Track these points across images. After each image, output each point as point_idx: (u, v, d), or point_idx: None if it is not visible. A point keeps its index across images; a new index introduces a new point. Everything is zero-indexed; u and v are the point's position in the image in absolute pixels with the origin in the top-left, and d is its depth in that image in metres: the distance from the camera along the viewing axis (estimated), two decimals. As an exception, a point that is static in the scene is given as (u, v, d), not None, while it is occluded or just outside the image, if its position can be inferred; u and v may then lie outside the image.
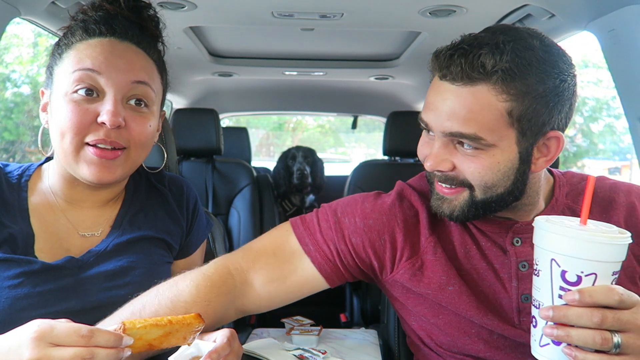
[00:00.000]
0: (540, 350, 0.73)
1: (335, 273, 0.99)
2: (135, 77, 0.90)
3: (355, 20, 1.64)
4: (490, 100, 0.80)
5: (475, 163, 0.84)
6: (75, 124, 0.86)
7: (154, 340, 0.73)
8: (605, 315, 0.65)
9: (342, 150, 10.91)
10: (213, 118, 2.18)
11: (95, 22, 0.91)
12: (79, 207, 0.97)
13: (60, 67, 0.90)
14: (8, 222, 0.88)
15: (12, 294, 0.82)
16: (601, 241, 0.67)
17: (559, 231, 0.69)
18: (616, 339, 0.66)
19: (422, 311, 0.97)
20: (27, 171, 0.97)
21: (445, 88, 0.84)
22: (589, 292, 0.66)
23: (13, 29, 6.92)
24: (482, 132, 0.81)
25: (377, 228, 0.97)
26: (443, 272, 0.93)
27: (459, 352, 0.95)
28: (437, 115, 0.85)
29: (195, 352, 0.77)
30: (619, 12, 1.20)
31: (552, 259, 0.70)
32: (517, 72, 0.79)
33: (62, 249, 0.92)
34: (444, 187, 0.90)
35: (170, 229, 1.03)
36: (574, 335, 0.66)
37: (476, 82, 0.80)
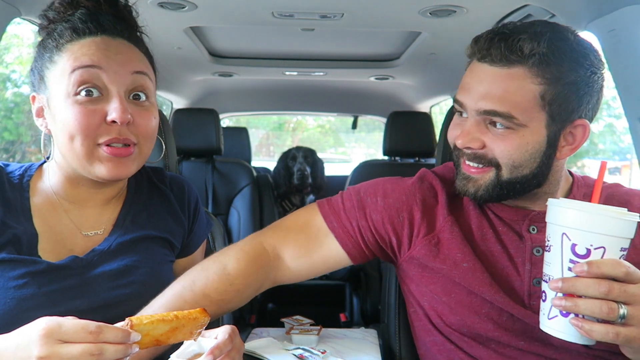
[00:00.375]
0: (548, 322, 0.75)
1: (357, 250, 1.04)
2: (135, 68, 0.90)
3: (355, 20, 1.64)
4: (525, 82, 0.85)
5: (505, 142, 0.89)
6: (84, 126, 0.85)
7: (160, 335, 0.73)
8: (612, 286, 0.68)
9: (342, 150, 10.91)
10: (213, 118, 2.18)
11: (82, 21, 0.89)
12: (82, 207, 0.97)
13: (53, 70, 0.88)
14: (12, 223, 0.88)
15: (18, 294, 0.82)
16: (610, 215, 0.70)
17: (571, 205, 0.72)
18: (622, 310, 0.68)
19: (435, 289, 1.00)
20: (28, 171, 0.97)
21: (482, 69, 0.89)
22: (597, 264, 0.69)
23: (13, 29, 6.91)
24: (515, 112, 0.86)
25: (397, 206, 1.03)
26: (458, 250, 0.97)
27: (468, 332, 0.97)
28: (473, 95, 0.89)
29: (197, 349, 0.77)
30: (619, 12, 1.20)
31: (564, 233, 0.72)
32: (552, 58, 0.84)
33: (66, 249, 0.92)
34: (471, 167, 0.94)
35: (172, 228, 1.04)
36: (581, 305, 0.69)
37: (513, 64, 0.85)
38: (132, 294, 0.91)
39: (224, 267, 0.99)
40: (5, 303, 0.81)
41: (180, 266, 1.07)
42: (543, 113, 0.87)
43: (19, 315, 0.81)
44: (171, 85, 2.76)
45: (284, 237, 1.08)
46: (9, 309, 0.81)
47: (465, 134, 0.92)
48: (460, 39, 1.84)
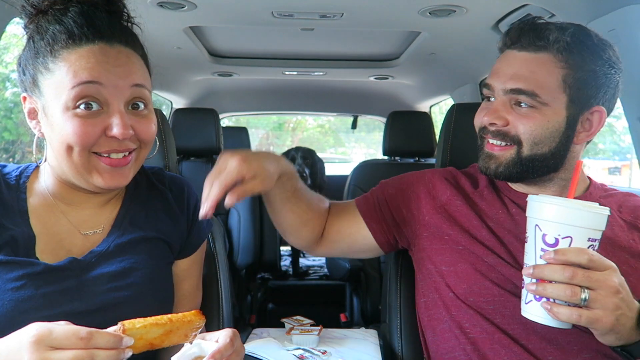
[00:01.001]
0: (525, 307, 0.82)
1: (376, 222, 1.18)
2: (134, 81, 0.88)
3: (355, 20, 1.64)
4: (550, 65, 0.96)
5: (528, 119, 0.98)
6: (83, 139, 0.84)
7: (154, 339, 0.73)
8: (576, 271, 0.74)
9: (342, 150, 10.90)
10: (213, 118, 2.18)
11: (77, 25, 0.85)
12: (79, 208, 0.96)
13: (49, 78, 0.85)
14: (8, 224, 0.88)
15: (15, 296, 0.82)
16: (575, 207, 0.76)
17: (541, 200, 0.80)
18: (584, 294, 0.74)
19: (445, 258, 1.08)
20: (25, 172, 0.97)
21: (512, 55, 1.00)
22: (562, 251, 0.75)
23: (13, 29, 6.90)
24: (539, 90, 0.96)
25: (412, 182, 1.18)
26: (473, 218, 1.07)
27: (474, 301, 1.02)
28: (501, 77, 1.00)
29: (197, 352, 0.77)
30: (619, 12, 1.20)
31: (536, 225, 0.80)
32: (575, 47, 0.96)
33: (64, 250, 0.91)
34: (494, 145, 1.03)
35: (170, 229, 1.03)
36: (549, 289, 0.76)
37: (540, 50, 0.97)
38: (130, 296, 0.90)
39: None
40: (3, 305, 0.81)
41: (179, 268, 1.07)
42: (564, 95, 0.97)
43: (16, 317, 0.80)
44: (171, 85, 2.76)
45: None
46: (6, 310, 0.81)
47: (493, 111, 1.01)
48: (460, 38, 1.84)
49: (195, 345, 0.77)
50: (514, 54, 1.00)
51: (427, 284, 1.14)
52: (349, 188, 2.29)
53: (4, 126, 6.87)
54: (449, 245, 1.08)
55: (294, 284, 3.02)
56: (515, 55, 1.00)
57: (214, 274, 1.25)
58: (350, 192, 2.27)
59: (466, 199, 1.12)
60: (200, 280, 1.14)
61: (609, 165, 11.20)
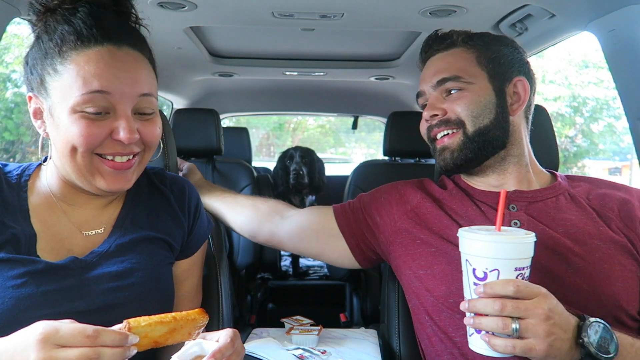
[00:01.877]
0: (470, 340, 0.84)
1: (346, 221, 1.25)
2: (141, 91, 0.89)
3: (355, 20, 1.64)
4: (462, 54, 1.13)
5: (461, 99, 1.09)
6: (89, 141, 0.85)
7: (159, 337, 0.73)
8: (505, 303, 0.76)
9: (342, 151, 10.91)
10: (213, 118, 2.18)
11: (86, 26, 0.85)
12: (81, 208, 0.97)
13: (57, 80, 0.85)
14: (10, 223, 0.88)
15: (16, 293, 0.82)
16: (496, 241, 0.79)
17: (468, 236, 0.82)
18: (514, 325, 0.76)
19: (421, 262, 1.10)
20: (26, 171, 0.97)
21: (429, 62, 1.17)
22: (490, 285, 0.78)
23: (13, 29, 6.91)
24: (460, 72, 1.10)
25: (385, 192, 1.24)
26: (444, 218, 1.11)
27: (455, 302, 1.02)
28: (427, 78, 1.15)
29: (198, 351, 0.77)
30: (619, 12, 1.20)
31: (466, 259, 0.83)
32: (477, 38, 1.13)
33: (65, 249, 0.92)
34: (443, 138, 1.12)
35: (171, 230, 1.03)
36: (483, 322, 0.78)
37: (449, 47, 1.14)
38: (131, 297, 0.91)
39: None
40: (4, 303, 0.81)
41: (180, 268, 1.07)
42: (483, 72, 1.10)
43: (17, 315, 0.80)
44: (171, 85, 2.76)
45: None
46: (6, 308, 0.81)
47: (429, 106, 1.13)
48: (461, 39, 1.84)
49: (196, 344, 0.77)
50: (430, 60, 1.16)
51: (408, 292, 1.16)
52: (349, 188, 2.29)
53: (4, 126, 6.85)
54: (422, 248, 1.10)
55: (294, 284, 3.02)
56: (431, 60, 1.16)
57: (214, 274, 1.25)
58: (350, 193, 2.27)
59: (435, 201, 1.16)
60: (200, 281, 1.14)
61: (609, 165, 11.19)
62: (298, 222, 1.29)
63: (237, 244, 2.32)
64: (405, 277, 1.14)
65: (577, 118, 10.90)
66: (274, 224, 1.31)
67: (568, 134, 10.79)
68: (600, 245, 1.00)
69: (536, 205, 1.08)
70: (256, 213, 1.34)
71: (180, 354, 0.76)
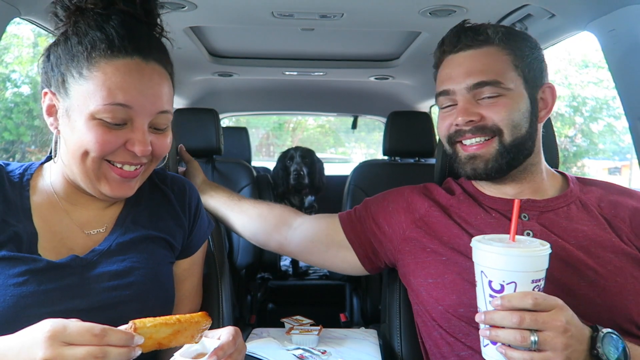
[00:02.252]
0: (484, 350, 0.83)
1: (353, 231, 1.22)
2: (161, 108, 0.91)
3: (355, 20, 1.64)
4: (498, 55, 1.04)
5: (500, 106, 1.02)
6: (104, 147, 0.86)
7: (163, 339, 0.74)
8: (524, 316, 0.76)
9: (342, 150, 10.91)
10: (213, 118, 2.18)
11: (118, 35, 0.86)
12: (83, 208, 0.97)
13: (81, 84, 0.85)
14: (12, 221, 0.88)
15: (17, 292, 0.82)
16: (513, 254, 0.78)
17: (484, 248, 0.81)
18: (533, 337, 0.75)
19: (431, 270, 1.08)
20: (28, 170, 0.97)
21: (458, 57, 1.06)
22: (507, 298, 0.77)
23: (13, 29, 6.91)
24: (500, 77, 1.02)
25: (392, 200, 1.21)
26: (453, 227, 1.09)
27: (465, 312, 1.01)
28: (457, 78, 1.04)
29: (200, 349, 0.78)
30: (619, 12, 1.20)
31: (482, 271, 0.82)
32: (512, 37, 1.05)
33: (66, 248, 0.92)
34: (473, 145, 1.05)
35: (172, 229, 1.03)
36: (500, 335, 0.77)
37: (483, 45, 1.04)
38: (132, 295, 0.91)
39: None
40: (5, 301, 0.81)
41: (180, 268, 1.07)
42: (520, 78, 1.03)
43: (18, 313, 0.81)
44: (171, 85, 2.75)
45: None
46: (7, 306, 0.81)
47: (463, 111, 1.03)
48: (460, 39, 1.84)
49: (198, 342, 0.78)
50: (459, 56, 1.06)
51: (414, 298, 1.15)
52: (349, 188, 2.29)
53: (4, 126, 6.85)
54: (432, 257, 1.08)
55: (294, 284, 3.02)
56: (462, 55, 1.05)
57: (214, 274, 1.25)
58: (350, 193, 2.27)
59: (443, 208, 1.13)
60: (200, 281, 1.14)
61: (609, 165, 11.18)
62: (306, 235, 1.27)
63: (237, 244, 2.32)
64: (412, 285, 1.13)
65: (577, 118, 10.90)
66: (283, 235, 1.30)
67: (568, 133, 10.79)
68: (612, 258, 0.98)
69: (548, 214, 1.05)
70: (264, 225, 1.32)
71: (182, 352, 0.77)
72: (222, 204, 1.37)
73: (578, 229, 1.02)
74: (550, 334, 0.76)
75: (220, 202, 1.38)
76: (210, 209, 1.37)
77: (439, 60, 1.10)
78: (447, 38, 1.08)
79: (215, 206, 1.38)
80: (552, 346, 0.76)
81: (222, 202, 1.38)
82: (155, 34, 0.96)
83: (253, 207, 1.36)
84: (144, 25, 0.92)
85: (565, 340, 0.76)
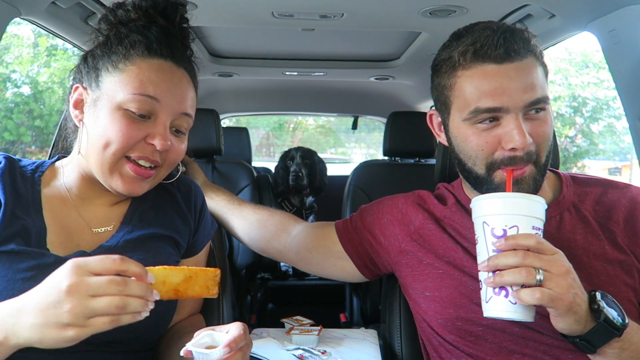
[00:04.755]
0: (486, 306, 0.83)
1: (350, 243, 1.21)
2: (185, 109, 0.96)
3: (355, 20, 1.64)
4: (536, 66, 0.94)
5: (544, 124, 0.94)
6: (127, 139, 0.89)
7: (178, 285, 0.77)
8: (527, 253, 0.77)
9: (342, 151, 10.92)
10: (213, 118, 2.18)
11: (158, 41, 0.93)
12: (92, 204, 0.99)
13: (115, 76, 0.90)
14: (21, 214, 0.89)
15: (25, 286, 0.82)
16: (515, 196, 0.82)
17: (483, 197, 0.84)
18: (539, 275, 0.76)
19: (428, 284, 1.07)
20: (40, 167, 0.99)
21: (506, 68, 0.91)
22: (512, 236, 0.79)
23: (13, 29, 6.91)
24: (546, 92, 0.94)
25: (387, 211, 1.19)
26: (447, 241, 1.07)
27: (462, 325, 1.00)
28: (512, 93, 0.90)
29: (209, 342, 0.80)
30: (619, 12, 1.20)
31: (483, 222, 0.83)
32: (536, 41, 0.96)
33: (73, 244, 0.93)
34: (512, 170, 0.93)
35: (178, 228, 1.04)
36: (505, 275, 0.78)
37: (528, 54, 0.93)
38: None
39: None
40: (13, 295, 0.81)
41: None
42: (548, 88, 0.97)
43: None
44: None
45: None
46: None
47: (521, 134, 0.89)
48: (461, 39, 1.84)
49: (207, 335, 0.80)
50: (507, 67, 0.91)
51: (412, 306, 1.15)
52: (349, 188, 2.29)
53: (4, 126, 6.85)
54: (428, 270, 1.08)
55: (293, 284, 3.02)
56: (511, 67, 0.91)
57: (214, 274, 1.25)
58: (350, 193, 2.27)
59: (437, 221, 1.11)
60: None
61: (609, 165, 11.20)
62: (304, 244, 1.26)
63: (237, 244, 2.33)
64: (411, 295, 1.13)
65: (577, 118, 10.91)
66: (282, 243, 1.29)
67: (568, 134, 10.80)
68: (605, 267, 0.96)
69: None
70: (263, 232, 1.31)
71: (192, 343, 0.78)
72: (222, 207, 1.37)
73: (570, 238, 1.00)
74: (555, 272, 0.77)
75: (221, 205, 1.37)
76: (210, 211, 1.37)
77: (468, 65, 0.94)
78: (484, 46, 0.91)
79: (216, 209, 1.37)
80: (558, 283, 0.76)
81: (223, 205, 1.37)
82: (189, 51, 1.02)
83: (253, 212, 1.35)
84: (179, 41, 0.99)
85: (569, 280, 0.77)
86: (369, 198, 2.17)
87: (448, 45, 0.99)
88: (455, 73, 0.96)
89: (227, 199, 1.39)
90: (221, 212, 1.37)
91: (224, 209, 1.37)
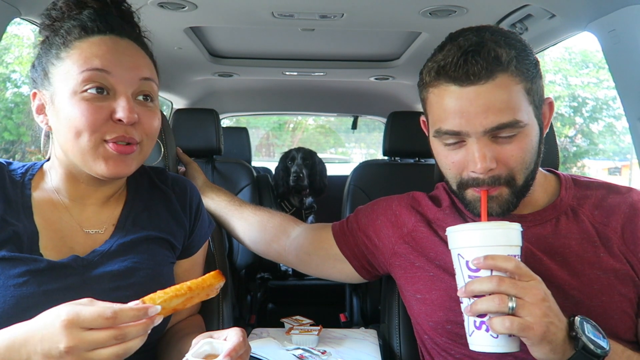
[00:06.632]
0: (470, 340, 0.83)
1: (347, 245, 1.21)
2: (142, 74, 0.91)
3: (355, 20, 1.64)
4: (512, 84, 0.87)
5: (514, 147, 0.89)
6: (91, 122, 0.86)
7: (176, 306, 0.77)
8: (502, 279, 0.76)
9: (342, 151, 10.91)
10: (213, 118, 2.18)
11: (91, 20, 0.89)
12: (82, 205, 0.97)
13: (59, 67, 0.88)
14: (12, 220, 0.88)
15: (18, 292, 0.82)
16: (487, 228, 0.81)
17: (457, 229, 0.83)
18: (511, 302, 0.75)
19: (419, 287, 1.07)
20: (31, 170, 0.97)
21: (466, 92, 0.87)
22: (491, 256, 0.78)
23: (13, 29, 6.91)
24: (518, 116, 0.87)
25: (381, 213, 1.18)
26: (439, 245, 1.06)
27: (452, 328, 1.01)
28: (471, 118, 0.87)
29: (209, 350, 0.79)
30: (619, 12, 1.20)
31: (458, 254, 0.82)
32: (521, 56, 0.88)
33: (67, 247, 0.92)
34: (484, 190, 0.92)
35: (173, 229, 1.03)
36: (478, 304, 0.77)
37: (496, 74, 0.86)
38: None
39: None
40: (5, 302, 0.81)
41: (181, 268, 1.07)
42: (531, 106, 0.90)
43: (18, 314, 0.80)
44: (171, 86, 2.76)
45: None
46: (8, 307, 0.81)
47: (483, 158, 0.88)
48: (460, 39, 1.84)
49: (207, 343, 0.79)
50: (469, 90, 0.87)
51: (408, 307, 1.15)
52: (349, 188, 2.29)
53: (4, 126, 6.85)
54: (420, 273, 1.08)
55: (293, 284, 3.02)
56: (471, 90, 0.86)
57: (214, 274, 1.25)
58: (350, 193, 2.27)
59: (430, 223, 1.11)
60: (200, 281, 1.14)
61: (609, 165, 11.20)
62: (302, 247, 1.27)
63: (236, 244, 2.32)
64: (405, 297, 1.14)
65: (577, 118, 10.91)
66: (282, 245, 1.30)
67: (568, 134, 10.80)
68: (599, 276, 0.94)
69: (535, 229, 0.99)
70: (263, 234, 1.32)
71: (192, 353, 0.77)
72: (223, 208, 1.37)
73: (565, 244, 0.97)
74: (529, 300, 0.75)
75: (221, 206, 1.37)
76: (210, 211, 1.37)
77: (434, 83, 0.91)
78: (447, 66, 0.88)
79: (216, 209, 1.37)
80: (531, 312, 0.75)
81: (223, 206, 1.37)
82: (131, 24, 0.97)
83: (253, 214, 1.35)
84: (114, 8, 0.95)
85: (544, 309, 0.76)
86: (368, 198, 2.17)
87: (431, 56, 0.95)
88: (426, 88, 0.95)
89: (228, 200, 1.38)
90: (222, 213, 1.37)
91: (224, 209, 1.36)
